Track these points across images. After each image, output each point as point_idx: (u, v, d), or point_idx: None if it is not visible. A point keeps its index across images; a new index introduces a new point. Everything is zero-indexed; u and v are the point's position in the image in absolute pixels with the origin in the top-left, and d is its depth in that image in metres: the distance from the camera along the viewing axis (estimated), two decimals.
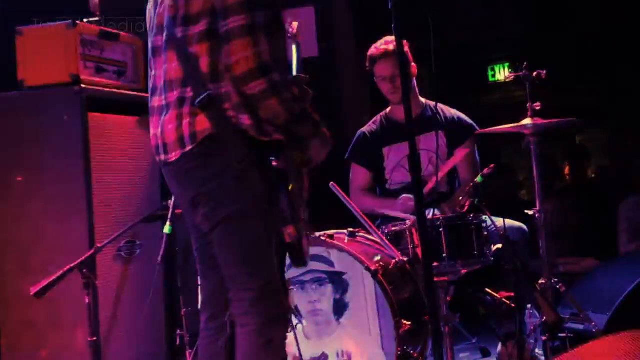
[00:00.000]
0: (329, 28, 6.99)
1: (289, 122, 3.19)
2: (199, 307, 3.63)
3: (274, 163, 3.23)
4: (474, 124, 5.32)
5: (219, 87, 3.17)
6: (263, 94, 3.11)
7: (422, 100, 5.42)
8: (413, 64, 5.30)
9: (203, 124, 3.17)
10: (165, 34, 3.34)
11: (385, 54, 5.18)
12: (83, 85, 4.87)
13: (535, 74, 4.65)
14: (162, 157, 3.34)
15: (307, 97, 3.30)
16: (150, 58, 3.53)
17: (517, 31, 9.53)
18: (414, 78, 5.37)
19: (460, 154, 5.07)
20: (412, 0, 3.44)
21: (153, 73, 3.50)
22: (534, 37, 9.53)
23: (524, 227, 5.01)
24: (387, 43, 5.23)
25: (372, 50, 5.31)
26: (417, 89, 5.41)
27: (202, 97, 3.15)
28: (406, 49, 5.04)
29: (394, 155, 5.25)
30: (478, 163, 5.30)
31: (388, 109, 5.47)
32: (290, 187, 3.23)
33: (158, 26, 3.42)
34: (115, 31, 5.30)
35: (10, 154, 4.93)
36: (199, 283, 3.66)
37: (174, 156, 3.25)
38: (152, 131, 3.43)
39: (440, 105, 5.40)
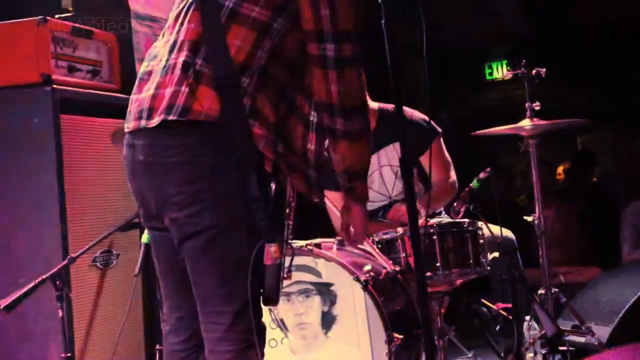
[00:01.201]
0: None
1: (357, 174, 3.25)
2: (168, 327, 3.43)
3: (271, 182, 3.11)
4: (435, 127, 5.17)
5: (243, 79, 3.05)
6: (359, 132, 3.16)
7: (376, 106, 5.20)
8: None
9: (212, 103, 3.02)
10: None
11: None
12: (55, 86, 4.86)
13: (534, 72, 4.68)
14: (140, 122, 3.11)
15: None
16: (165, 27, 3.33)
17: (516, 27, 9.58)
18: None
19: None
20: None
21: (160, 40, 3.31)
22: (533, 33, 9.58)
23: (512, 235, 5.01)
24: None
25: None
26: (371, 102, 5.06)
27: (228, 76, 3.03)
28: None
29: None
30: (448, 161, 5.24)
31: None
32: (287, 203, 3.16)
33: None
34: (89, 28, 5.29)
35: None
36: (167, 302, 3.43)
37: (154, 122, 3.03)
38: (133, 97, 3.25)
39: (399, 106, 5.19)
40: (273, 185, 3.08)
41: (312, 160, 3.28)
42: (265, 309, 3.15)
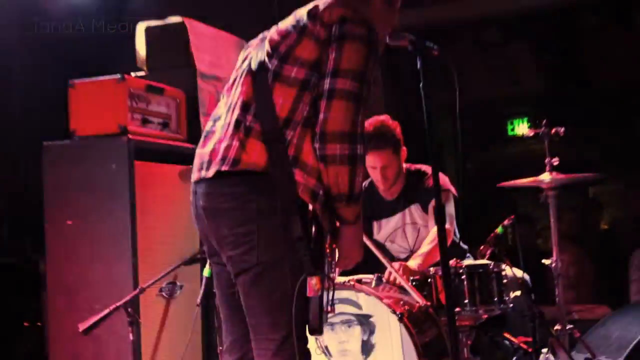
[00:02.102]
0: None
1: (345, 196, 3.11)
2: (224, 347, 3.46)
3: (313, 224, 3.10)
4: (450, 188, 5.03)
5: (286, 132, 3.09)
6: (340, 158, 3.04)
7: (404, 167, 5.11)
8: (403, 147, 5.04)
9: (260, 154, 3.07)
10: (246, 65, 3.29)
11: (378, 146, 4.88)
12: (130, 136, 4.93)
13: (553, 131, 4.67)
14: (201, 173, 3.19)
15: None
16: (224, 90, 3.41)
17: (536, 87, 9.58)
18: (398, 156, 5.03)
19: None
20: (436, 57, 3.45)
21: (222, 101, 3.38)
22: (551, 93, 9.57)
23: (527, 277, 4.94)
24: (380, 130, 4.92)
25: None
26: (402, 165, 5.09)
27: (274, 131, 3.08)
28: (398, 130, 4.98)
29: (383, 230, 5.17)
30: (452, 215, 5.02)
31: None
32: (327, 241, 3.16)
33: (242, 62, 3.36)
34: (160, 85, 5.35)
35: (61, 200, 5.00)
36: (225, 325, 3.44)
37: (211, 173, 3.12)
38: (198, 151, 3.31)
39: (423, 168, 5.11)
40: (314, 226, 3.11)
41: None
42: (311, 336, 3.15)
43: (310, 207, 3.16)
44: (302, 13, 3.24)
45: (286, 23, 3.27)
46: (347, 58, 3.09)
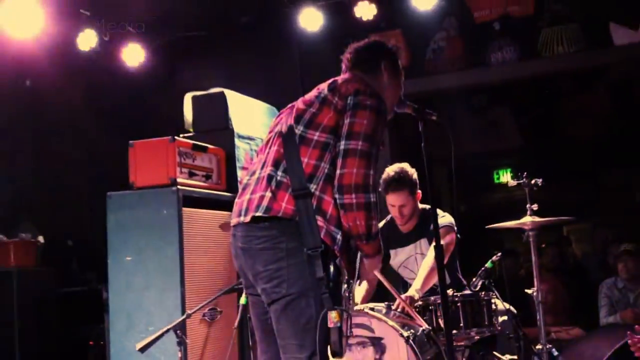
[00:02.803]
0: None
1: (363, 236, 3.15)
2: None
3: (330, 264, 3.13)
4: (451, 224, 4.91)
5: (311, 185, 3.12)
6: (358, 206, 3.07)
7: (420, 207, 5.05)
8: (418, 191, 4.97)
9: (288, 204, 3.11)
10: (278, 129, 3.32)
11: (397, 188, 4.84)
12: (179, 187, 4.97)
13: (533, 181, 4.64)
14: (240, 218, 3.22)
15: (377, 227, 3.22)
16: (259, 149, 3.46)
17: (516, 143, 9.58)
18: (414, 197, 4.95)
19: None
20: (434, 121, 3.49)
21: (255, 159, 3.42)
22: (530, 147, 9.58)
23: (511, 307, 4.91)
24: (399, 175, 4.87)
25: (386, 176, 4.90)
26: (418, 204, 5.02)
27: (302, 188, 3.11)
28: (414, 175, 4.93)
29: (399, 256, 5.10)
30: (449, 248, 4.84)
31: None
32: (342, 281, 3.18)
33: (275, 126, 3.38)
34: (204, 144, 5.39)
35: (122, 240, 5.01)
36: (261, 346, 3.43)
37: (248, 218, 3.16)
38: (237, 201, 3.32)
39: (437, 210, 5.05)
40: (332, 267, 3.13)
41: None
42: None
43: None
44: (323, 86, 3.31)
45: (311, 94, 3.33)
46: (359, 123, 3.15)
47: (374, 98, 3.24)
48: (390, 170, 4.91)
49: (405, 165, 4.99)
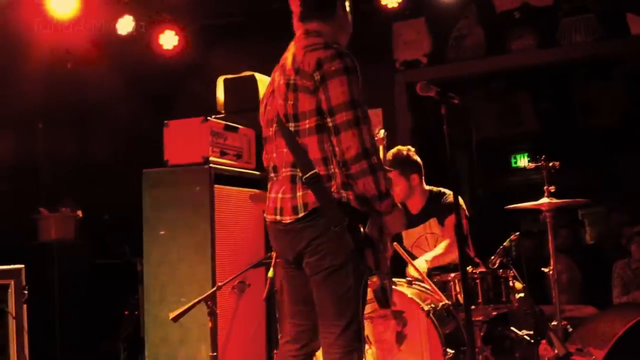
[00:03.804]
0: (392, 124, 7.05)
1: (376, 196, 3.14)
2: (288, 338, 3.48)
3: (362, 229, 3.14)
4: (464, 207, 4.89)
5: (327, 170, 3.15)
6: (363, 172, 3.07)
7: (427, 189, 5.09)
8: (414, 174, 4.99)
9: (311, 197, 3.14)
10: (274, 126, 3.32)
11: (388, 165, 4.61)
12: (211, 165, 4.96)
13: (550, 164, 4.64)
14: (278, 217, 3.27)
15: (389, 182, 3.25)
16: (264, 143, 3.49)
17: (534, 128, 9.52)
18: (418, 179, 5.02)
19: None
20: (456, 105, 3.45)
21: (268, 155, 3.44)
22: (547, 133, 9.51)
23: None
24: (393, 155, 4.94)
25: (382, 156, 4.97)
26: (423, 185, 5.06)
27: (310, 175, 3.13)
28: (410, 157, 4.97)
29: (410, 237, 5.12)
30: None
31: None
32: (374, 247, 3.19)
33: (268, 120, 3.40)
34: (235, 125, 5.38)
35: (157, 215, 5.02)
36: (293, 321, 3.48)
37: (288, 219, 3.20)
38: (272, 195, 3.35)
39: (443, 190, 5.09)
40: (363, 233, 3.15)
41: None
42: None
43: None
44: (289, 70, 3.24)
45: (280, 83, 3.29)
46: (334, 96, 3.11)
47: (336, 59, 3.15)
48: (390, 151, 4.91)
49: (403, 148, 5.04)
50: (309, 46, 3.23)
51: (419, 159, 5.05)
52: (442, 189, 5.11)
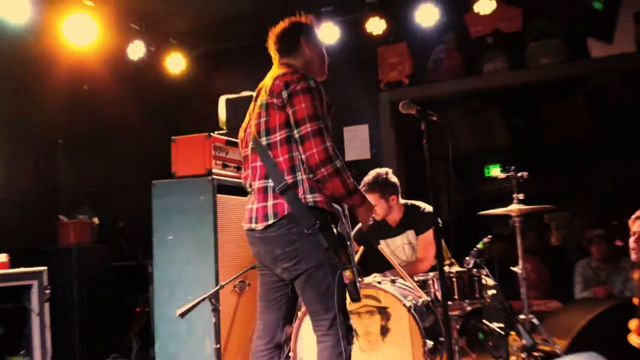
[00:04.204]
0: (377, 139, 7.07)
1: (345, 195, 3.18)
2: (257, 334, 3.50)
3: (335, 229, 3.17)
4: (436, 220, 4.84)
5: (294, 177, 3.18)
6: (329, 175, 3.11)
7: (402, 203, 5.12)
8: (392, 195, 5.01)
9: (282, 206, 3.17)
10: (250, 145, 3.38)
11: (369, 190, 4.92)
12: (214, 176, 4.95)
13: (519, 174, 4.66)
14: (252, 225, 3.30)
15: (354, 179, 3.27)
16: (243, 163, 3.56)
17: (505, 142, 9.56)
18: (396, 199, 5.05)
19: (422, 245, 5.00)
20: (435, 122, 3.51)
21: (245, 172, 3.51)
22: (516, 146, 9.55)
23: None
24: (373, 179, 5.00)
25: (365, 178, 5.04)
26: (399, 202, 5.09)
27: (281, 185, 3.16)
28: (389, 180, 5.00)
29: (390, 246, 5.12)
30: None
31: None
32: (346, 244, 3.21)
33: (246, 141, 3.47)
34: (235, 140, 5.28)
35: (165, 221, 5.01)
36: (261, 317, 3.51)
37: (260, 226, 3.23)
38: (248, 207, 3.41)
39: (417, 203, 5.14)
40: (336, 232, 3.17)
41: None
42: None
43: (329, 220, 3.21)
44: (263, 92, 3.34)
45: (256, 106, 3.39)
46: (299, 110, 3.17)
47: (301, 81, 3.23)
48: (370, 173, 5.03)
49: (381, 170, 5.07)
50: (280, 74, 3.32)
51: (396, 180, 5.09)
52: (416, 202, 5.16)
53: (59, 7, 5.62)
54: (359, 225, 4.46)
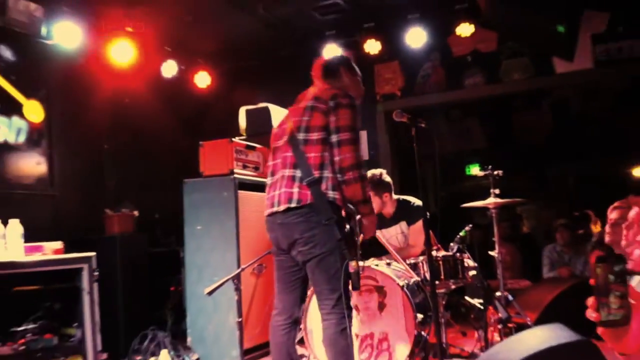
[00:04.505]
0: (375, 143, 7.05)
1: (361, 200, 3.18)
2: (277, 311, 3.47)
3: (346, 225, 3.16)
4: (425, 213, 4.89)
5: (320, 173, 3.16)
6: (355, 179, 3.13)
7: (395, 198, 5.06)
8: (385, 193, 4.95)
9: (307, 195, 3.15)
10: (285, 138, 3.34)
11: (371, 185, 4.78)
12: (235, 175, 4.97)
13: (495, 172, 4.64)
14: (274, 209, 3.26)
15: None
16: (272, 153, 3.48)
17: (483, 145, 9.53)
18: (389, 196, 4.98)
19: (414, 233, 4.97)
20: (423, 128, 3.50)
21: (272, 162, 3.43)
22: (492, 149, 9.52)
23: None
24: (370, 178, 4.84)
25: None
26: (392, 197, 5.03)
27: (310, 178, 3.15)
28: (383, 179, 4.94)
29: (386, 235, 5.05)
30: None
31: None
32: (356, 239, 3.19)
33: (280, 135, 3.41)
34: (254, 144, 5.37)
35: (194, 214, 5.05)
36: (279, 297, 3.47)
37: (282, 208, 3.19)
38: (271, 193, 3.34)
39: (408, 198, 5.09)
40: (347, 227, 3.17)
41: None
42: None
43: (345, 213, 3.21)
44: (308, 99, 3.35)
45: (299, 107, 3.37)
46: (342, 120, 3.19)
47: (347, 97, 3.26)
48: (367, 173, 4.89)
49: (376, 171, 5.02)
50: (327, 88, 3.36)
51: (389, 179, 5.05)
52: (407, 197, 5.13)
53: (105, 33, 5.66)
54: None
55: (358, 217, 3.24)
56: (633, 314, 1.16)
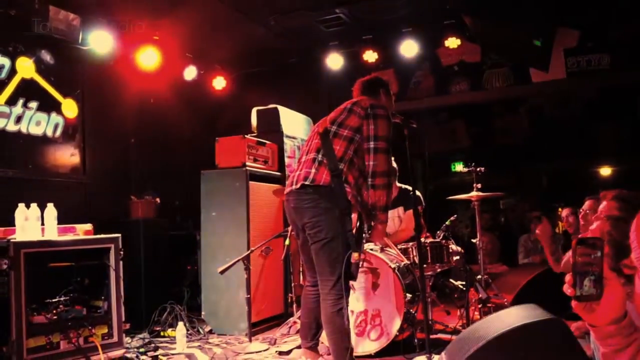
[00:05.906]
0: None
1: (382, 206, 3.13)
2: (308, 284, 3.47)
3: (357, 221, 3.12)
4: (421, 201, 4.80)
5: (340, 165, 3.11)
6: (383, 186, 3.09)
7: (397, 186, 4.93)
8: (392, 178, 4.86)
9: (321, 177, 3.09)
10: (316, 129, 3.30)
11: None
12: (247, 168, 4.95)
13: (478, 169, 4.60)
14: (292, 187, 3.19)
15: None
16: (303, 146, 3.42)
17: (467, 145, 9.50)
18: (395, 181, 4.82)
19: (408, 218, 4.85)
20: (414, 128, 3.48)
21: (306, 147, 3.36)
22: (476, 148, 9.48)
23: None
24: None
25: None
26: (396, 183, 4.87)
27: (337, 168, 3.08)
28: (394, 165, 4.77)
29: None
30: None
31: None
32: (360, 233, 3.16)
33: (314, 129, 3.37)
34: (264, 141, 5.35)
35: (209, 201, 5.02)
36: (309, 272, 3.45)
37: (298, 185, 3.13)
38: (290, 175, 3.30)
39: (409, 187, 4.92)
40: (357, 224, 3.16)
41: (369, 204, 3.23)
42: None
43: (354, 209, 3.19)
44: (347, 104, 3.31)
45: (339, 109, 3.32)
46: (380, 129, 3.16)
47: (384, 109, 3.23)
48: None
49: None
50: (366, 99, 3.31)
51: (395, 165, 4.99)
52: (407, 186, 5.05)
53: (133, 41, 5.64)
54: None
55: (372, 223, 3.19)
56: (605, 291, 1.14)
